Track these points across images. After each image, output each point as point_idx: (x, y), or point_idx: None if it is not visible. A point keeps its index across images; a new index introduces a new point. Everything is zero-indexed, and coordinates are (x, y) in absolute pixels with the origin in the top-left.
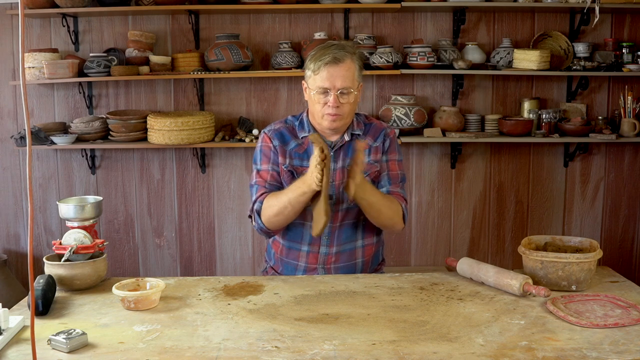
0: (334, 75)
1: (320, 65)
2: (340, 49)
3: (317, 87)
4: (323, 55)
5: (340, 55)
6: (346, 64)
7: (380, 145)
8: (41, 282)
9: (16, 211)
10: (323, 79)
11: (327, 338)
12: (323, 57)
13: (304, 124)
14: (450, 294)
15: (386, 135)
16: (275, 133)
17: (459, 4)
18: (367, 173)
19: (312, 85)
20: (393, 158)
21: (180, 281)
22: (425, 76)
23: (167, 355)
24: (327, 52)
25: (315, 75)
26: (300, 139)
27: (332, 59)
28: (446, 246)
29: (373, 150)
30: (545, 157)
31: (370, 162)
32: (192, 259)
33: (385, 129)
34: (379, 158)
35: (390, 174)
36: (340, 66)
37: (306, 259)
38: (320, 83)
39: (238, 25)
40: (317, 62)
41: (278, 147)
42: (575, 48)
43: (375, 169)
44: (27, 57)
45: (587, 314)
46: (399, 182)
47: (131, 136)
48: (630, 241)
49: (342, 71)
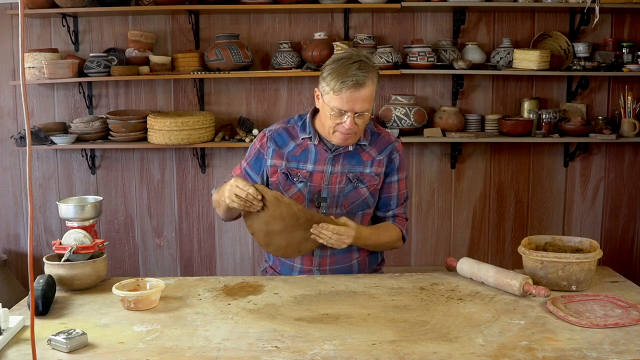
0: (354, 100)
1: (342, 88)
2: (362, 68)
3: (334, 108)
4: (345, 76)
5: (362, 79)
6: (367, 88)
7: (384, 159)
8: (41, 282)
9: (16, 211)
10: (342, 102)
11: (327, 338)
12: (345, 80)
13: (306, 126)
14: (450, 294)
15: (394, 150)
16: (274, 135)
17: (459, 4)
18: (366, 185)
19: (329, 102)
20: (402, 177)
21: (180, 281)
22: (425, 76)
23: (167, 355)
24: (349, 72)
25: (335, 95)
26: (300, 139)
27: (355, 83)
28: (446, 246)
29: (376, 163)
30: (545, 157)
31: (371, 174)
32: (192, 259)
33: (392, 144)
34: (380, 172)
35: (399, 194)
36: (362, 91)
37: (301, 261)
38: (339, 105)
39: (238, 25)
40: (338, 82)
41: (274, 151)
42: (575, 48)
43: (374, 182)
44: (27, 57)
45: (587, 314)
46: (404, 201)
47: (131, 136)
48: (630, 241)
49: (362, 96)
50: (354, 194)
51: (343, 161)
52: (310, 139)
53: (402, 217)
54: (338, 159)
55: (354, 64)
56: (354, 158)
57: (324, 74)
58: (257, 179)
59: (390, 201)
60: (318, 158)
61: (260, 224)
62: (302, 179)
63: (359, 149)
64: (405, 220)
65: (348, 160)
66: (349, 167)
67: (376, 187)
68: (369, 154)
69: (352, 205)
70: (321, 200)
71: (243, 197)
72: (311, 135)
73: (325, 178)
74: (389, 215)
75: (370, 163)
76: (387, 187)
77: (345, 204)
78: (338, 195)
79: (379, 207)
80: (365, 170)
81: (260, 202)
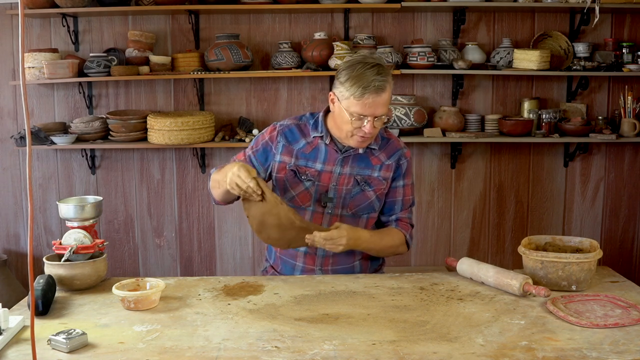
0: (375, 105)
1: (365, 94)
2: (381, 72)
3: (354, 113)
4: (367, 82)
5: (382, 84)
6: (387, 92)
7: (392, 164)
8: (41, 282)
9: (16, 211)
10: (364, 107)
11: (327, 338)
12: (367, 86)
13: (318, 125)
14: (450, 294)
15: (402, 156)
16: (285, 130)
17: (459, 4)
18: (373, 188)
19: (348, 107)
20: (408, 183)
21: (180, 281)
22: (425, 76)
23: (167, 355)
24: (369, 78)
25: (356, 100)
26: (311, 137)
27: (376, 89)
28: (446, 246)
29: (384, 168)
30: (545, 157)
31: (378, 178)
32: (192, 259)
33: (401, 150)
34: (388, 177)
35: (404, 199)
36: (383, 96)
37: (304, 260)
38: (360, 110)
39: (238, 25)
40: (360, 88)
41: (283, 147)
42: (575, 48)
43: (381, 186)
44: (27, 57)
45: (587, 314)
46: (409, 206)
47: (131, 136)
48: (630, 241)
49: (383, 100)
50: (360, 196)
51: (352, 163)
52: (321, 137)
53: (405, 221)
54: (347, 161)
55: (372, 68)
56: (363, 161)
57: (342, 79)
58: (261, 170)
59: (395, 205)
60: (328, 158)
61: (256, 212)
62: (310, 178)
63: (368, 152)
64: (410, 226)
65: (357, 162)
66: (357, 170)
67: (383, 191)
68: (378, 158)
69: (358, 208)
70: (328, 200)
71: (243, 188)
72: (323, 134)
73: (333, 178)
74: (392, 219)
75: (379, 167)
76: (392, 191)
77: (352, 205)
78: (345, 197)
79: (383, 211)
80: (374, 174)
81: (259, 196)
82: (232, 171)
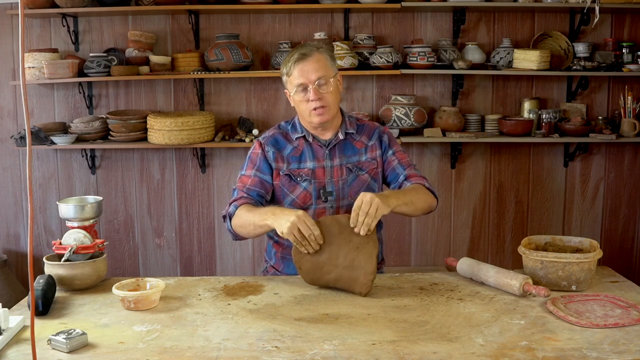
0: (305, 70)
1: (291, 66)
2: (305, 46)
3: (295, 87)
4: (291, 56)
5: (307, 51)
6: (314, 57)
7: (376, 143)
8: (41, 282)
9: (16, 211)
10: (297, 76)
11: (327, 338)
12: (291, 58)
13: (297, 126)
14: (450, 294)
15: (381, 132)
16: (270, 140)
17: (459, 4)
18: (366, 170)
19: (290, 87)
20: (398, 149)
21: (180, 281)
22: (425, 76)
23: (167, 355)
24: (293, 53)
25: (290, 77)
26: (295, 140)
27: (300, 55)
28: (446, 246)
29: (370, 149)
30: (545, 157)
31: (367, 160)
32: (192, 259)
33: (378, 128)
34: (376, 155)
35: (402, 162)
36: (310, 60)
37: None
38: (296, 81)
39: (238, 25)
40: (287, 64)
41: (274, 154)
42: (575, 48)
43: (373, 167)
44: (27, 57)
45: (587, 314)
46: (412, 165)
47: (131, 136)
48: (630, 241)
49: (312, 63)
50: (357, 182)
51: (339, 154)
52: (304, 137)
53: (415, 175)
54: (334, 152)
55: (297, 49)
56: (349, 149)
57: (281, 71)
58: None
59: (397, 170)
60: (316, 155)
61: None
62: (305, 178)
63: (349, 138)
64: (423, 178)
65: (344, 152)
66: (346, 159)
67: (376, 170)
68: (361, 141)
69: (357, 194)
70: (328, 195)
71: (306, 235)
72: (304, 133)
73: (327, 173)
74: (401, 180)
75: (365, 150)
76: (388, 162)
77: (351, 193)
78: (342, 187)
79: (389, 182)
80: (362, 158)
81: (317, 246)
82: (297, 215)
